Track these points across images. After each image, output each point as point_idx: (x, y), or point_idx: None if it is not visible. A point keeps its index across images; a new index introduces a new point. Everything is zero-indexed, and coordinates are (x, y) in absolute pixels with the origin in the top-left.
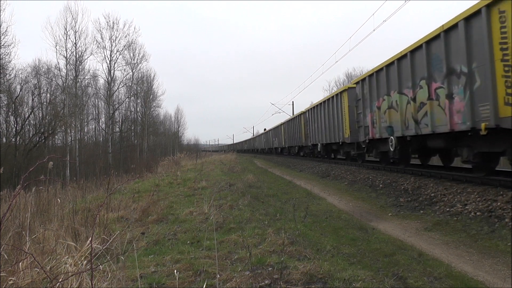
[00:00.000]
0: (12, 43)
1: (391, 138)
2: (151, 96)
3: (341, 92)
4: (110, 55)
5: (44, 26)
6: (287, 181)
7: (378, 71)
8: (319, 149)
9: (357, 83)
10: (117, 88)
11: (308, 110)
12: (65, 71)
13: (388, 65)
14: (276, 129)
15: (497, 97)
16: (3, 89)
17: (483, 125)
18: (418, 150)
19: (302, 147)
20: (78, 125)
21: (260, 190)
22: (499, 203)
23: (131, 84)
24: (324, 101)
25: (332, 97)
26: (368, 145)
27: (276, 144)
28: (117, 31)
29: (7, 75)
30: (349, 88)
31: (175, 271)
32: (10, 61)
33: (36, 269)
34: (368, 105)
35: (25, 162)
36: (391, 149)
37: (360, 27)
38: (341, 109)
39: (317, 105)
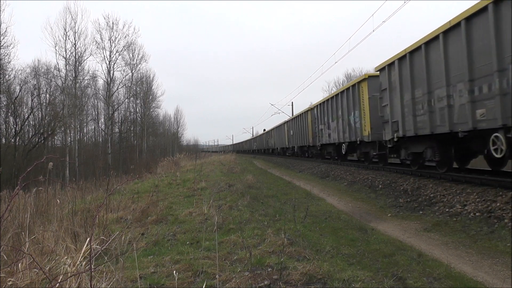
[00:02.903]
0: (11, 43)
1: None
2: (151, 96)
3: (306, 112)
4: (110, 56)
5: (43, 27)
6: (287, 182)
7: (322, 103)
8: (296, 150)
9: (314, 107)
10: (117, 89)
11: (289, 120)
12: (65, 72)
13: (327, 100)
14: (268, 132)
15: (362, 127)
16: (3, 89)
17: (358, 139)
18: (346, 150)
19: (287, 148)
20: (78, 126)
21: (259, 190)
22: (498, 204)
23: (131, 84)
24: (297, 116)
25: (302, 113)
26: (321, 147)
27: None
28: (117, 31)
29: (7, 76)
30: (310, 109)
31: (175, 271)
32: (9, 62)
33: (35, 269)
34: (321, 122)
35: (24, 162)
36: (332, 150)
37: (359, 27)
38: (307, 123)
39: (294, 118)
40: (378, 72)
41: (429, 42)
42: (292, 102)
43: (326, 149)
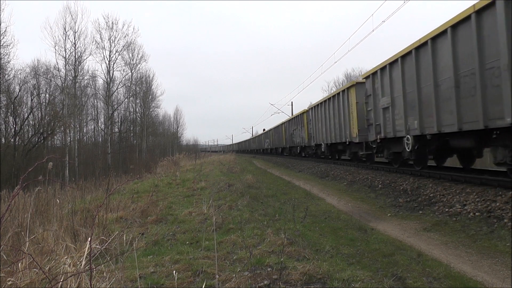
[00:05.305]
0: (11, 43)
1: (298, 147)
2: (150, 96)
3: (282, 123)
4: (109, 56)
5: (43, 27)
6: (286, 182)
7: (290, 120)
8: (281, 150)
9: (287, 121)
10: (116, 89)
11: (271, 129)
12: (64, 72)
13: (293, 118)
14: (293, 120)
15: (306, 136)
16: (2, 89)
17: (306, 145)
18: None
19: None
20: (77, 126)
21: (259, 190)
22: (498, 204)
23: (130, 84)
24: (280, 124)
25: (282, 124)
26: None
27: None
28: (116, 31)
29: (6, 76)
30: (287, 121)
31: (174, 271)
32: (9, 62)
33: (35, 269)
34: (297, 129)
35: (24, 162)
36: (299, 151)
37: (359, 27)
38: (282, 131)
39: (278, 126)
40: None
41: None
42: (292, 102)
43: (291, 149)
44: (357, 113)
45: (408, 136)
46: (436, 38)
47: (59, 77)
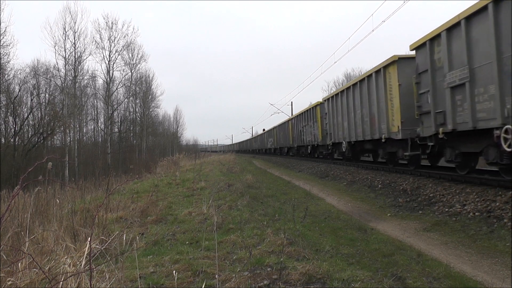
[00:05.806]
0: (11, 43)
1: (309, 146)
2: (150, 96)
3: (289, 119)
4: (109, 56)
5: (43, 27)
6: (286, 182)
7: (299, 115)
8: (286, 150)
9: (295, 116)
10: (116, 89)
11: (275, 127)
12: (64, 72)
13: (302, 113)
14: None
15: (319, 133)
16: (2, 89)
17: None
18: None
19: (275, 148)
20: (77, 126)
21: (259, 190)
22: (497, 204)
23: (130, 84)
24: (286, 121)
25: (288, 120)
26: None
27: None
28: (116, 31)
29: (6, 76)
30: (295, 116)
31: (174, 271)
32: (8, 61)
33: (34, 269)
34: (308, 125)
35: (24, 162)
36: (309, 151)
37: (359, 27)
38: (289, 128)
39: (284, 122)
40: None
41: None
42: (291, 102)
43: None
44: (400, 99)
45: (508, 126)
46: None
47: (59, 77)
